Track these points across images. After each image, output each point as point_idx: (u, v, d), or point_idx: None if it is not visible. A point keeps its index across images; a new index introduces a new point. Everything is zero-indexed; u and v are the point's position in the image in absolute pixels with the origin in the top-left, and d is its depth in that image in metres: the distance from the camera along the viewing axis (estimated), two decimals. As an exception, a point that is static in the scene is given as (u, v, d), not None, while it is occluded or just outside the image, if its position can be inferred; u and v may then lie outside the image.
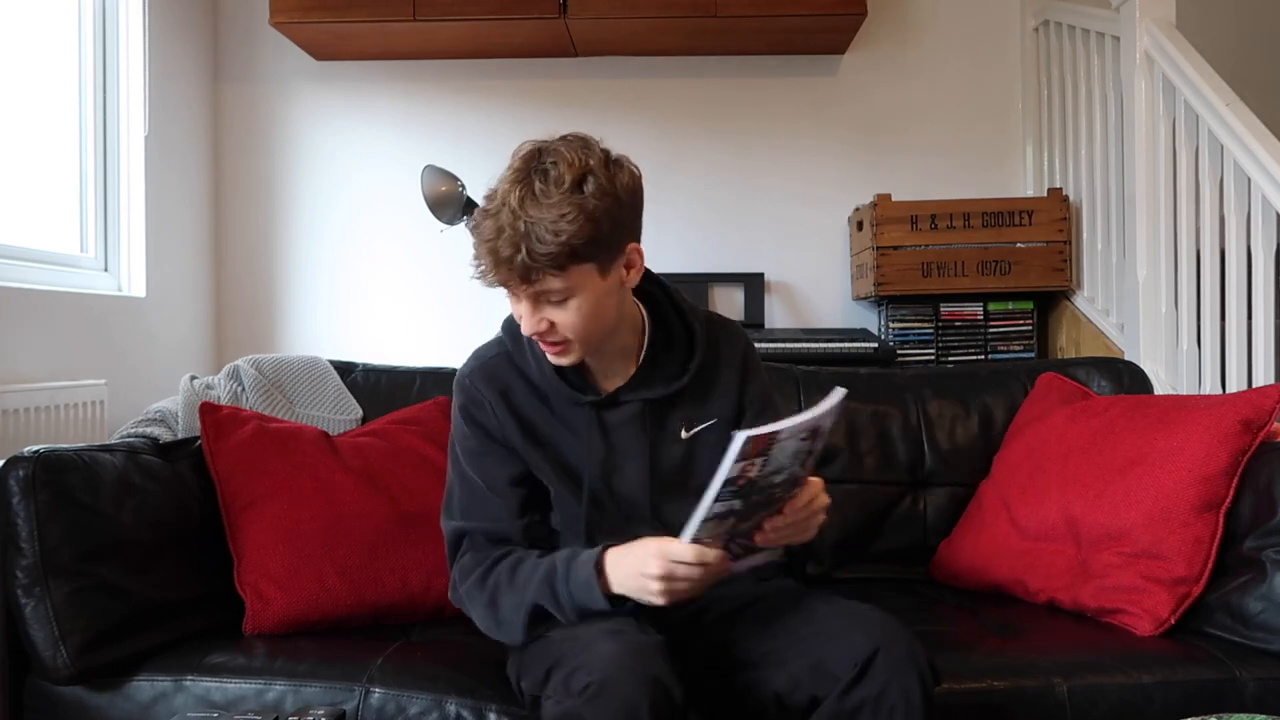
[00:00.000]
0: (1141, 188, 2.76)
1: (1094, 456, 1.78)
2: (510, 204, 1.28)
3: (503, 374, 1.48)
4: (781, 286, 3.49)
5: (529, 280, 1.30)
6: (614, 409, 1.47)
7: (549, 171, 1.29)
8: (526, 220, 1.27)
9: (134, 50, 2.88)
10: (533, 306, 1.34)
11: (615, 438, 1.47)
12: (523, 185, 1.29)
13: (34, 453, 1.54)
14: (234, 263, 3.45)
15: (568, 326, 1.35)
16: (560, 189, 1.28)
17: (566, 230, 1.27)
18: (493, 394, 1.47)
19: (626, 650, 1.24)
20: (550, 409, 1.47)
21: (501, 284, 1.32)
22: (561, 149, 1.31)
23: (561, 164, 1.29)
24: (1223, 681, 1.47)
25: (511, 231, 1.27)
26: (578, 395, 1.45)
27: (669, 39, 3.30)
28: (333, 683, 1.49)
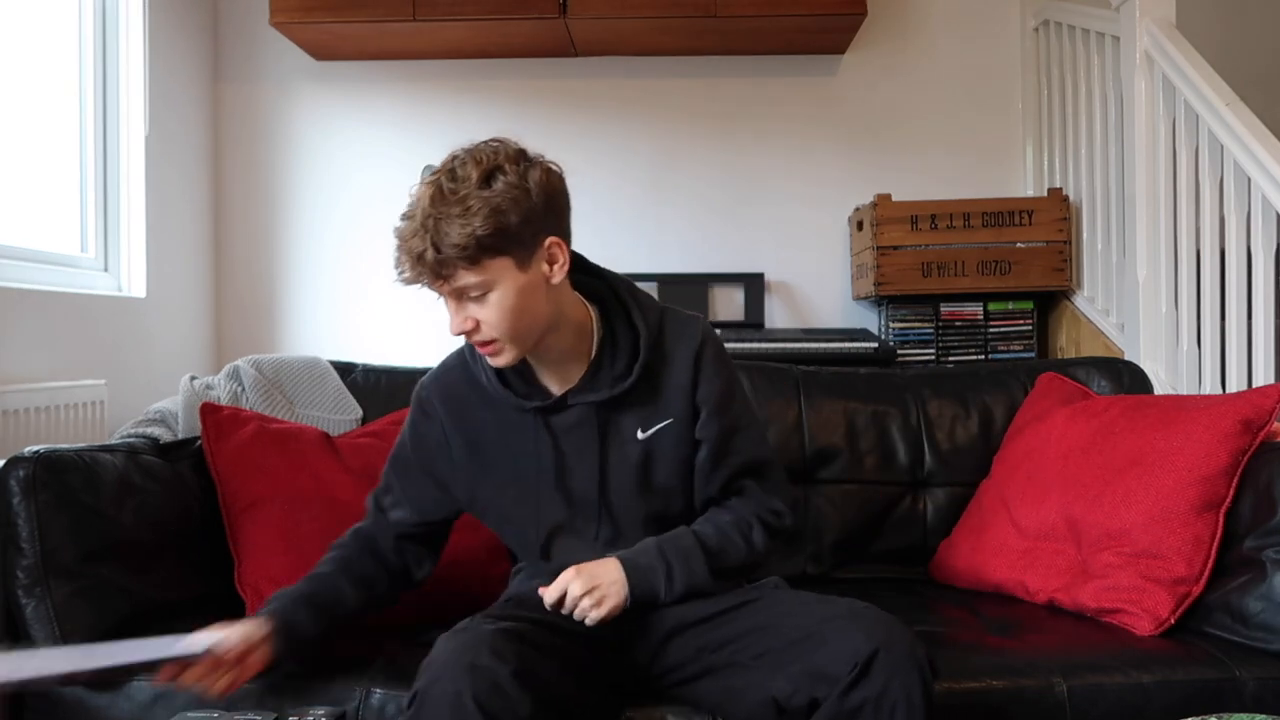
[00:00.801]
0: (1141, 188, 2.76)
1: (1094, 456, 1.78)
2: (423, 205, 1.33)
3: (458, 385, 1.51)
4: (781, 286, 3.49)
5: (442, 276, 1.33)
6: (561, 413, 1.46)
7: (457, 171, 1.34)
8: (435, 217, 1.31)
9: (134, 50, 2.89)
10: (455, 305, 1.36)
11: (565, 442, 1.46)
12: (434, 187, 1.34)
13: (34, 453, 1.54)
14: (234, 263, 3.45)
15: (491, 324, 1.36)
16: (467, 185, 1.32)
17: (472, 223, 1.30)
18: (444, 408, 1.50)
19: (452, 647, 1.25)
20: (501, 416, 1.48)
21: (417, 281, 1.35)
22: (472, 151, 1.37)
23: (469, 163, 1.34)
24: (1223, 681, 1.47)
25: (422, 229, 1.31)
26: (523, 401, 1.45)
27: (669, 39, 3.30)
28: (333, 683, 1.49)
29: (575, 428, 1.46)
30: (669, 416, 1.47)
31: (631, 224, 3.47)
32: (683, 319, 1.51)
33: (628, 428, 1.46)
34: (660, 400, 1.47)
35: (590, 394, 1.45)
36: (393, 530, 1.55)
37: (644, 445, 1.46)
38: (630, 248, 3.44)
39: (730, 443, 1.48)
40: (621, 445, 1.46)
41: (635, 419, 1.46)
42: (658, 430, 1.46)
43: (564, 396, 1.46)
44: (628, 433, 1.46)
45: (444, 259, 1.31)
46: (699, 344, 1.48)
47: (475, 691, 1.18)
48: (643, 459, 1.47)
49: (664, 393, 1.47)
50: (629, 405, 1.46)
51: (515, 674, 1.21)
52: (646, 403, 1.46)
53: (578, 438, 1.46)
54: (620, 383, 1.45)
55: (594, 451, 1.46)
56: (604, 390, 1.45)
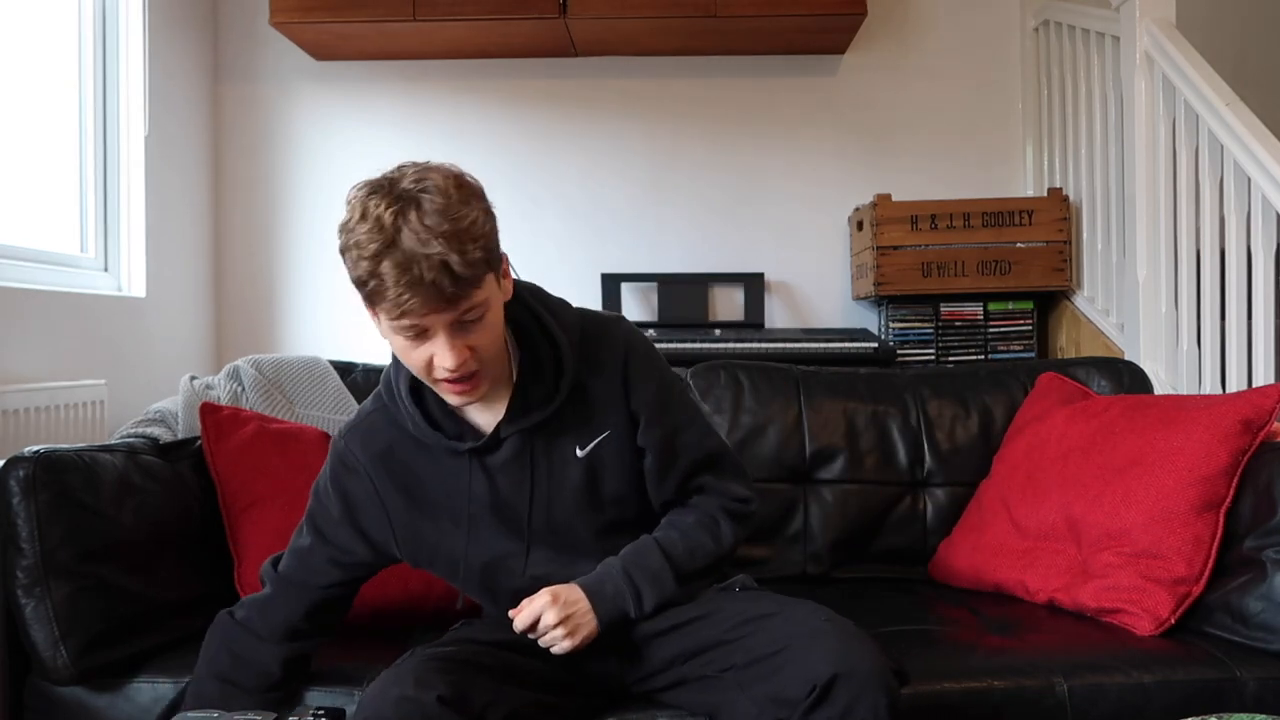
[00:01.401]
0: (1141, 188, 2.76)
1: (1094, 456, 1.78)
2: (414, 228, 1.19)
3: (382, 432, 1.41)
4: (781, 286, 3.49)
5: (453, 300, 1.21)
6: (495, 450, 1.38)
7: (428, 189, 1.22)
8: (442, 238, 1.18)
9: (134, 50, 2.88)
10: (452, 337, 1.24)
11: (503, 478, 1.39)
12: (411, 209, 1.20)
13: (34, 453, 1.54)
14: (234, 263, 3.45)
15: (484, 348, 1.27)
16: (452, 200, 1.21)
17: (480, 235, 1.22)
18: (369, 457, 1.41)
19: (381, 681, 1.25)
20: (432, 459, 1.40)
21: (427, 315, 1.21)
22: (420, 167, 1.26)
23: (435, 178, 1.23)
24: (1223, 681, 1.47)
25: (431, 253, 1.18)
26: (455, 444, 1.37)
27: (669, 39, 3.30)
28: (333, 684, 1.49)
29: (511, 461, 1.38)
30: (605, 429, 1.40)
31: (631, 224, 3.47)
32: (602, 321, 1.44)
33: (565, 447, 1.39)
34: (593, 413, 1.40)
35: (521, 422, 1.37)
36: (308, 598, 1.44)
37: (585, 462, 1.40)
38: (630, 248, 3.45)
39: (675, 444, 1.43)
40: (563, 467, 1.39)
41: (571, 437, 1.39)
42: (596, 444, 1.39)
43: (496, 431, 1.37)
44: (567, 453, 1.39)
45: (463, 279, 1.20)
46: (624, 349, 1.41)
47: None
48: (586, 476, 1.40)
49: (595, 405, 1.40)
50: (562, 425, 1.39)
51: (443, 700, 1.19)
52: (579, 419, 1.39)
53: (514, 469, 1.39)
54: (548, 404, 1.37)
55: (533, 478, 1.39)
56: (535, 414, 1.37)
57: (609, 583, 1.37)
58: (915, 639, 1.61)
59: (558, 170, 3.44)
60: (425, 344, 1.26)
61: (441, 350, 1.25)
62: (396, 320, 1.23)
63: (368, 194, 1.24)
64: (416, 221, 1.19)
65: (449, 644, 1.36)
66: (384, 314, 1.24)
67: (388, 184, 1.24)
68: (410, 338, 1.25)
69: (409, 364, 1.30)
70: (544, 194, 3.44)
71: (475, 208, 1.24)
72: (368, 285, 1.22)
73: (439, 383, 1.29)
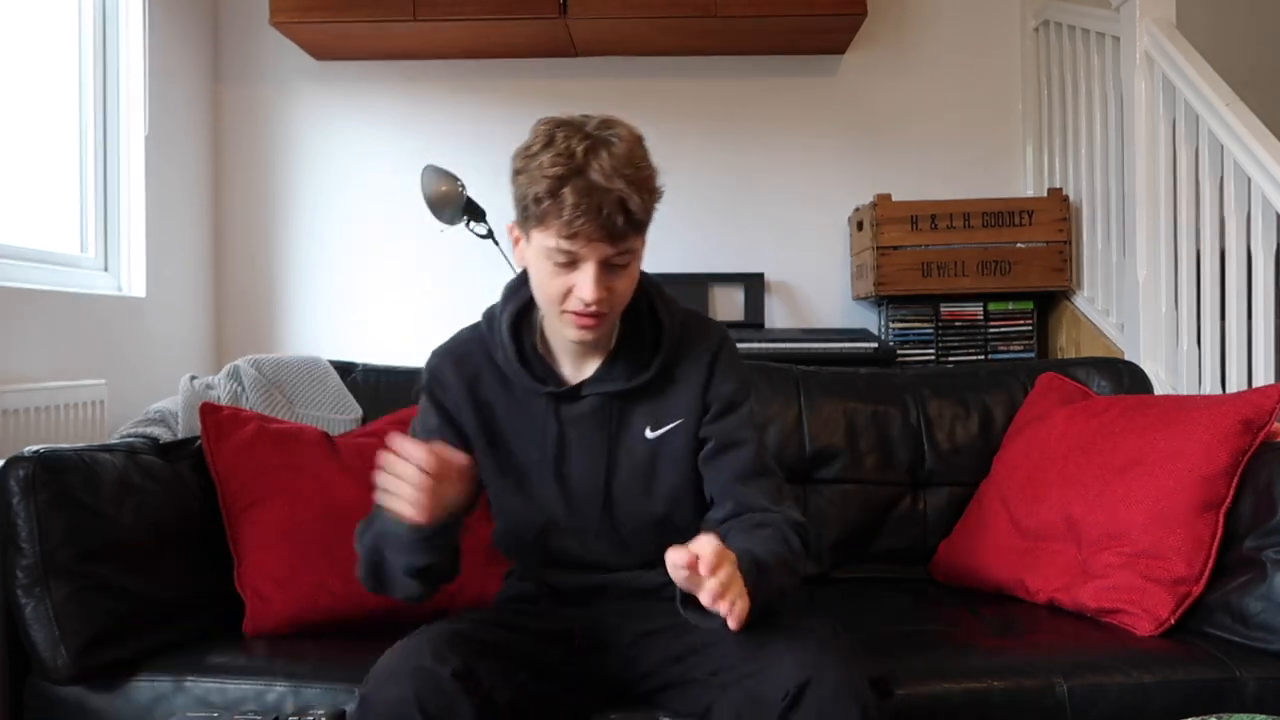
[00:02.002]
0: (1141, 188, 2.76)
1: (1094, 456, 1.78)
2: (602, 163, 1.26)
3: (473, 358, 1.47)
4: (781, 286, 3.49)
5: (618, 236, 1.28)
6: (574, 402, 1.43)
7: (616, 136, 1.29)
8: (625, 179, 1.26)
9: (134, 50, 2.88)
10: (600, 273, 1.30)
11: (572, 431, 1.44)
12: (602, 148, 1.27)
13: (34, 453, 1.54)
14: (234, 263, 3.45)
15: (621, 294, 1.35)
16: (634, 152, 1.29)
17: (655, 189, 1.31)
18: (457, 378, 1.46)
19: (397, 652, 1.26)
20: (513, 396, 1.45)
21: (591, 242, 1.28)
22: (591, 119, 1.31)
23: (621, 130, 1.30)
24: (1223, 681, 1.47)
25: (614, 188, 1.26)
26: (538, 385, 1.43)
27: (669, 39, 3.30)
28: (333, 683, 1.49)
29: (585, 418, 1.43)
30: (679, 416, 1.44)
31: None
32: (703, 321, 1.51)
33: (638, 425, 1.44)
34: (673, 398, 1.45)
35: (606, 384, 1.43)
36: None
37: (652, 446, 1.44)
38: (630, 248, 3.44)
39: (736, 439, 1.44)
40: (629, 442, 1.44)
41: (646, 416, 1.44)
42: (667, 431, 1.44)
43: (579, 385, 1.43)
44: (637, 430, 1.44)
45: (633, 220, 1.28)
46: (717, 346, 1.47)
47: (417, 694, 1.19)
48: (649, 460, 1.44)
49: (677, 391, 1.45)
50: (642, 400, 1.44)
51: (457, 675, 1.21)
52: (659, 400, 1.44)
53: (586, 429, 1.44)
54: (639, 375, 1.43)
55: (602, 445, 1.44)
56: (620, 381, 1.43)
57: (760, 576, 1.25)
58: (915, 639, 1.61)
59: (558, 170, 3.43)
60: (570, 274, 1.31)
61: (585, 282, 1.30)
62: (562, 239, 1.28)
63: (555, 126, 1.30)
64: (606, 159, 1.26)
65: (464, 621, 1.37)
66: (549, 233, 1.28)
67: (576, 124, 1.30)
68: (560, 263, 1.30)
69: (545, 290, 1.34)
70: (544, 194, 3.44)
71: (651, 166, 1.32)
72: (542, 203, 1.27)
73: (566, 314, 1.34)
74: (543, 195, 1.27)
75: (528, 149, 1.31)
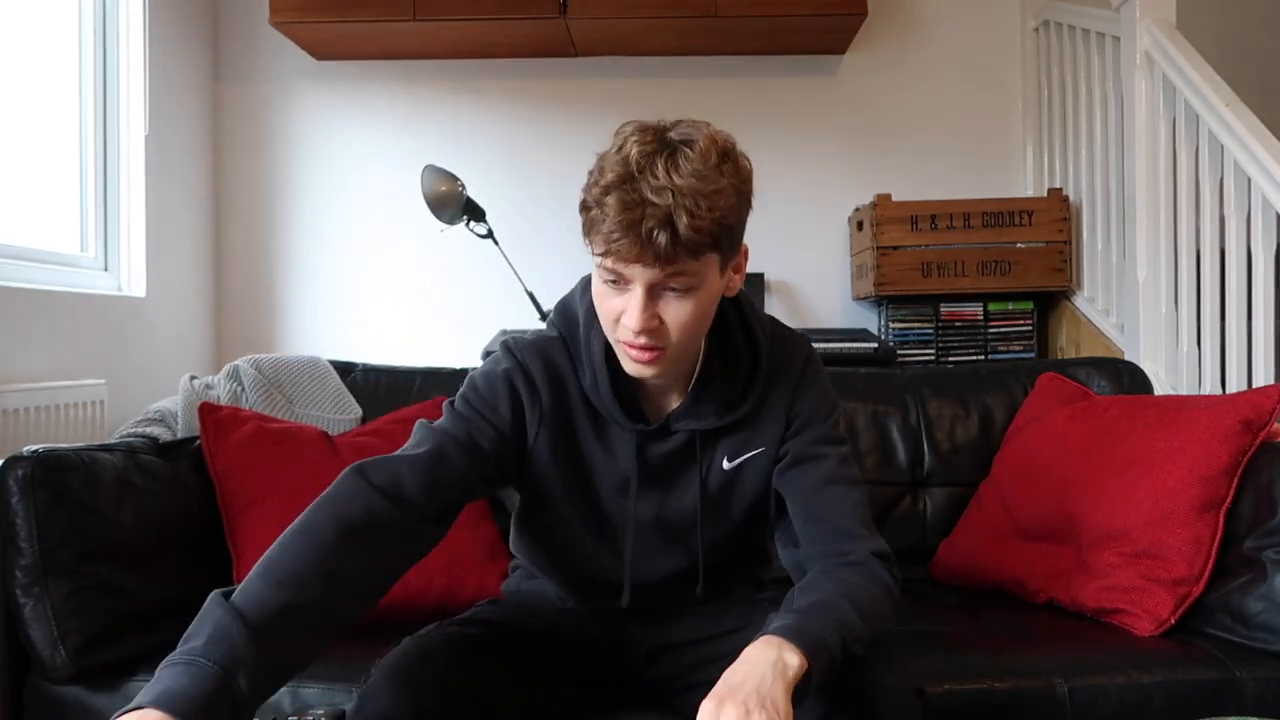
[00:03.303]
0: (1141, 188, 2.76)
1: (1094, 456, 1.78)
2: (656, 174, 1.11)
3: (559, 365, 1.30)
4: (781, 286, 3.49)
5: (667, 262, 1.12)
6: (663, 439, 1.30)
7: (691, 143, 1.14)
8: (676, 192, 1.10)
9: (134, 50, 2.88)
10: (648, 298, 1.15)
11: (656, 470, 1.31)
12: (665, 155, 1.12)
13: (34, 452, 1.54)
14: (234, 263, 3.45)
15: (677, 326, 1.17)
16: (708, 164, 1.13)
17: (720, 207, 1.13)
18: (544, 379, 1.29)
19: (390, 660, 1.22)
20: (594, 421, 1.30)
21: (631, 263, 1.13)
22: (690, 124, 1.18)
23: (700, 138, 1.15)
24: (1223, 681, 1.47)
25: (661, 203, 1.10)
26: (625, 420, 1.29)
27: (669, 39, 3.30)
28: (332, 683, 1.49)
29: (672, 456, 1.31)
30: (761, 445, 1.32)
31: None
32: (791, 339, 1.39)
33: (719, 456, 1.32)
34: (759, 429, 1.32)
35: (695, 420, 1.29)
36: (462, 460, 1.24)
37: (729, 474, 1.32)
38: (630, 248, 3.44)
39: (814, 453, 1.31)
40: (711, 476, 1.32)
41: (729, 447, 1.32)
42: (747, 459, 1.32)
43: (667, 420, 1.30)
44: (718, 462, 1.32)
45: (683, 241, 1.11)
46: (803, 365, 1.35)
47: (414, 701, 1.16)
48: (726, 488, 1.33)
49: (764, 420, 1.32)
50: (729, 434, 1.32)
51: (457, 684, 1.18)
52: (745, 432, 1.32)
53: (672, 467, 1.31)
54: (731, 411, 1.30)
55: (689, 484, 1.31)
56: (711, 418, 1.29)
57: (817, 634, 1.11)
58: (915, 640, 1.61)
59: (558, 170, 3.44)
60: (620, 295, 1.18)
61: (631, 307, 1.16)
62: (600, 256, 1.16)
63: (635, 129, 1.17)
64: (662, 168, 1.12)
65: (470, 624, 1.35)
66: (594, 247, 1.17)
67: (657, 129, 1.17)
68: (608, 281, 1.18)
69: (601, 309, 1.22)
70: (544, 194, 3.44)
71: (728, 181, 1.15)
72: (590, 212, 1.16)
73: (619, 342, 1.21)
74: (591, 203, 1.16)
75: (604, 152, 1.19)
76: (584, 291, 1.34)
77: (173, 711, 0.94)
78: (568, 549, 1.37)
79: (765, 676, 1.03)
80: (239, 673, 0.99)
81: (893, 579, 1.25)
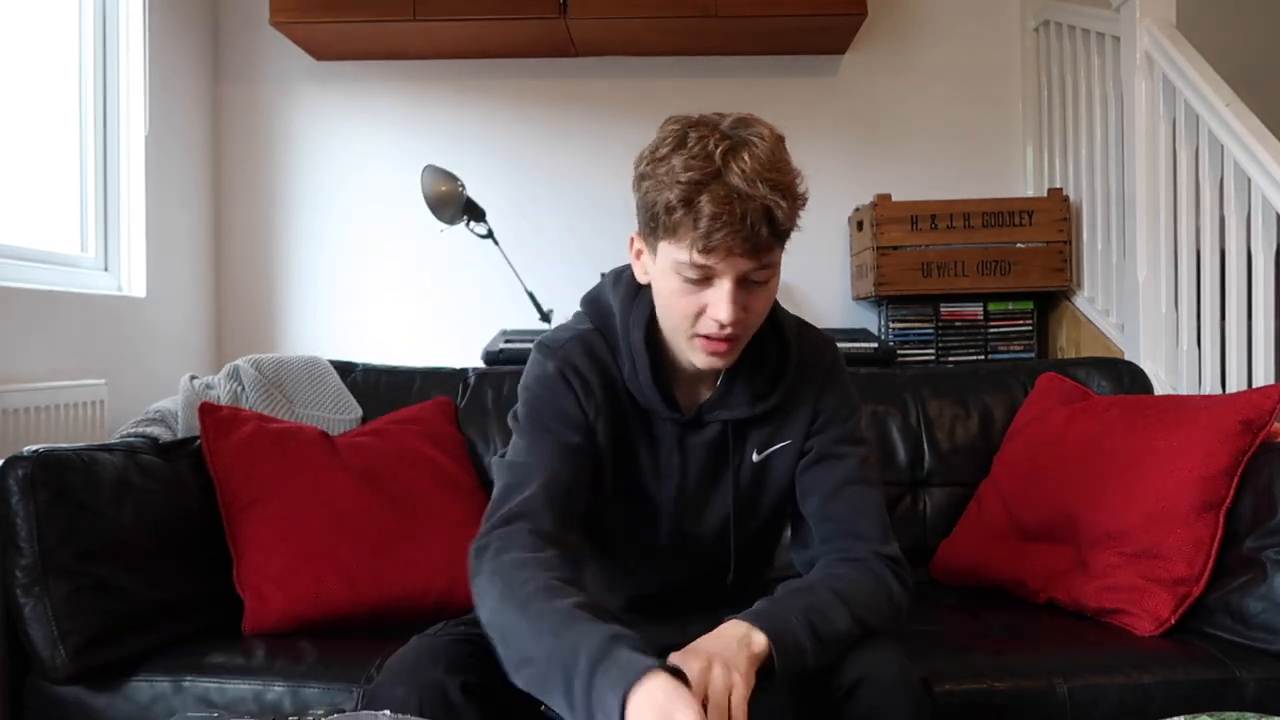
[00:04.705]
0: (1141, 188, 2.75)
1: (1094, 456, 1.78)
2: (743, 168, 1.12)
3: (604, 364, 1.31)
4: (782, 286, 3.46)
5: (765, 252, 1.15)
6: (698, 430, 1.33)
7: (758, 136, 1.16)
8: (767, 183, 1.12)
9: (134, 50, 2.88)
10: (737, 291, 1.17)
11: (694, 461, 1.34)
12: (745, 149, 1.14)
13: (34, 452, 1.54)
14: (234, 263, 3.45)
15: (758, 314, 1.22)
16: (778, 153, 1.16)
17: (800, 195, 1.17)
18: (592, 373, 1.30)
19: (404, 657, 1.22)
20: (637, 413, 1.32)
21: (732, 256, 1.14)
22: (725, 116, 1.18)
23: (762, 129, 1.17)
24: (1223, 681, 1.47)
25: (757, 195, 1.12)
26: (665, 410, 1.31)
27: (669, 39, 3.30)
28: (332, 683, 1.49)
29: (704, 446, 1.33)
30: (789, 438, 1.35)
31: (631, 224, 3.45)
32: (816, 336, 1.41)
33: (749, 448, 1.35)
34: (786, 422, 1.35)
35: (727, 410, 1.32)
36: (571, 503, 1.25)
37: (757, 467, 1.35)
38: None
39: (835, 451, 1.34)
40: (743, 469, 1.35)
41: (758, 439, 1.35)
42: (773, 451, 1.35)
43: (700, 410, 1.32)
44: (748, 454, 1.35)
45: (779, 231, 1.15)
46: (830, 359, 1.38)
47: (420, 702, 1.16)
48: (755, 482, 1.36)
49: (791, 413, 1.35)
50: (758, 425, 1.34)
51: (464, 686, 1.18)
52: (774, 423, 1.34)
53: (704, 456, 1.34)
54: (762, 401, 1.32)
55: (725, 476, 1.34)
56: (742, 408, 1.32)
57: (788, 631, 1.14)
58: (915, 640, 1.61)
59: (558, 170, 3.44)
60: (703, 291, 1.18)
61: (721, 301, 1.17)
62: (697, 254, 1.14)
63: (687, 126, 1.17)
64: (748, 161, 1.13)
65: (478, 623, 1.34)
66: (680, 246, 1.15)
67: (710, 122, 1.17)
68: (692, 280, 1.17)
69: (673, 309, 1.22)
70: (544, 194, 3.44)
71: (794, 168, 1.18)
72: (675, 213, 1.14)
73: (696, 337, 1.22)
74: (675, 203, 1.14)
75: (654, 151, 1.18)
76: (615, 284, 1.36)
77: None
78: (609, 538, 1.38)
79: (730, 646, 1.09)
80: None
81: (898, 581, 1.26)
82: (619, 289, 1.34)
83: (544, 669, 1.07)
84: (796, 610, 1.15)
